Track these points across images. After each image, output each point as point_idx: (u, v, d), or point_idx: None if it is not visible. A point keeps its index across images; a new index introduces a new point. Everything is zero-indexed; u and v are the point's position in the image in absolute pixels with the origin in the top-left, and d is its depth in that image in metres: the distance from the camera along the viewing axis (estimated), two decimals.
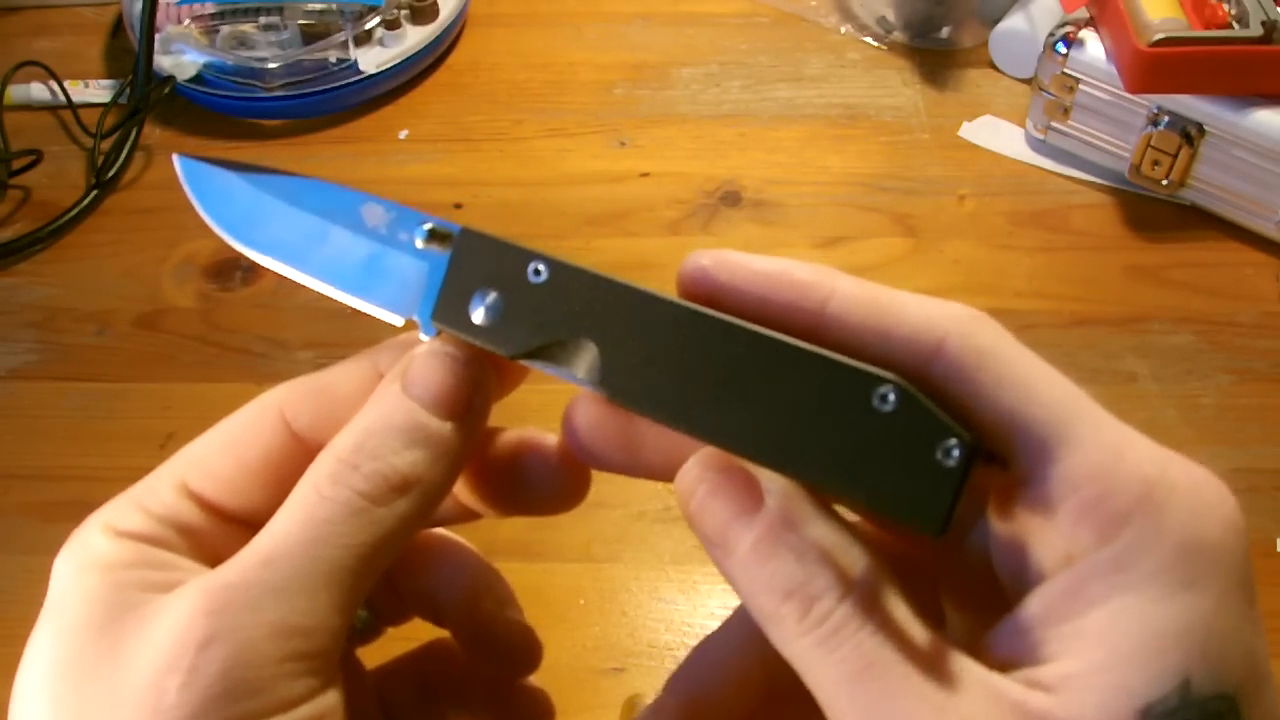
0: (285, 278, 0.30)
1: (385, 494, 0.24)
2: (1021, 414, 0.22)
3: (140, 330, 0.65)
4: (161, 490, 0.27)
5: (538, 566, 0.55)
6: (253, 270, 0.67)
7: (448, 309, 0.25)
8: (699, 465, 0.23)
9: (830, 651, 0.21)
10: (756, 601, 0.22)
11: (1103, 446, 0.21)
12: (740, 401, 0.22)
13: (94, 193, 0.71)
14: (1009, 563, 0.23)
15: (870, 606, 0.21)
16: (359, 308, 0.27)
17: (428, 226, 0.26)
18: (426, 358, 0.25)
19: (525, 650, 0.31)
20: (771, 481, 0.22)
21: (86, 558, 0.26)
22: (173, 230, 0.70)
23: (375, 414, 0.25)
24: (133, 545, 0.26)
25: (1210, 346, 0.63)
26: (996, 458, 0.22)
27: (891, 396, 0.21)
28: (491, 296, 0.24)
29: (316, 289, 0.28)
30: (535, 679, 0.35)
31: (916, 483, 0.21)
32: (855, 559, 0.21)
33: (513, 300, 0.24)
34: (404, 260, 0.26)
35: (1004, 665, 0.22)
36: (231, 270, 0.68)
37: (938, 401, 0.21)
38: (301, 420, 0.27)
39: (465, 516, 0.31)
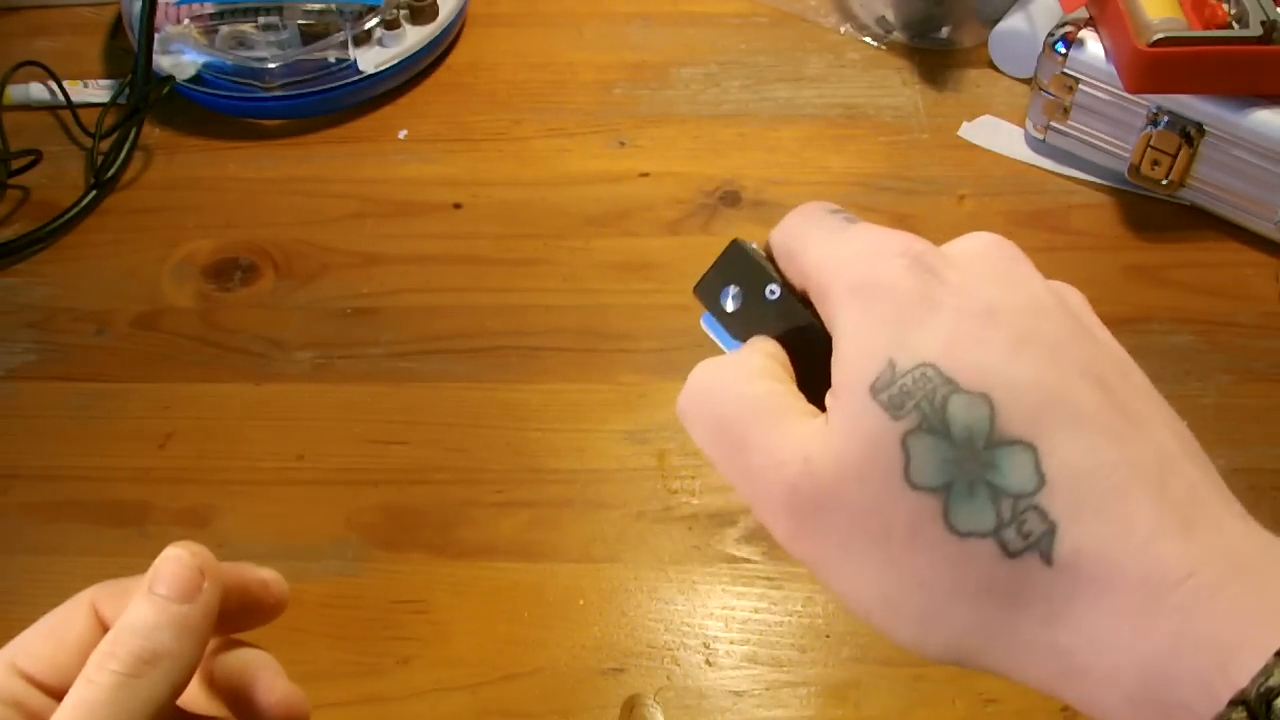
0: (284, 277, 0.30)
1: (139, 667, 0.30)
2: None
3: (140, 330, 0.65)
4: None
5: (538, 566, 0.55)
6: (252, 270, 0.67)
7: (707, 287, 0.33)
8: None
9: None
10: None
11: (823, 244, 0.29)
12: None
13: (93, 193, 0.71)
14: None
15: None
16: None
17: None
18: (168, 560, 0.32)
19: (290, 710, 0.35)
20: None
21: None
22: (172, 230, 0.70)
23: (132, 607, 0.31)
24: None
25: (1210, 347, 0.63)
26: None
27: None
28: (740, 295, 0.32)
29: None
30: (535, 678, 0.37)
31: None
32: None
33: (749, 303, 0.32)
34: None
35: None
36: (230, 270, 0.68)
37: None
38: (105, 611, 0.33)
39: None
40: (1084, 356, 0.26)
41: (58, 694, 0.31)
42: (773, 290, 0.31)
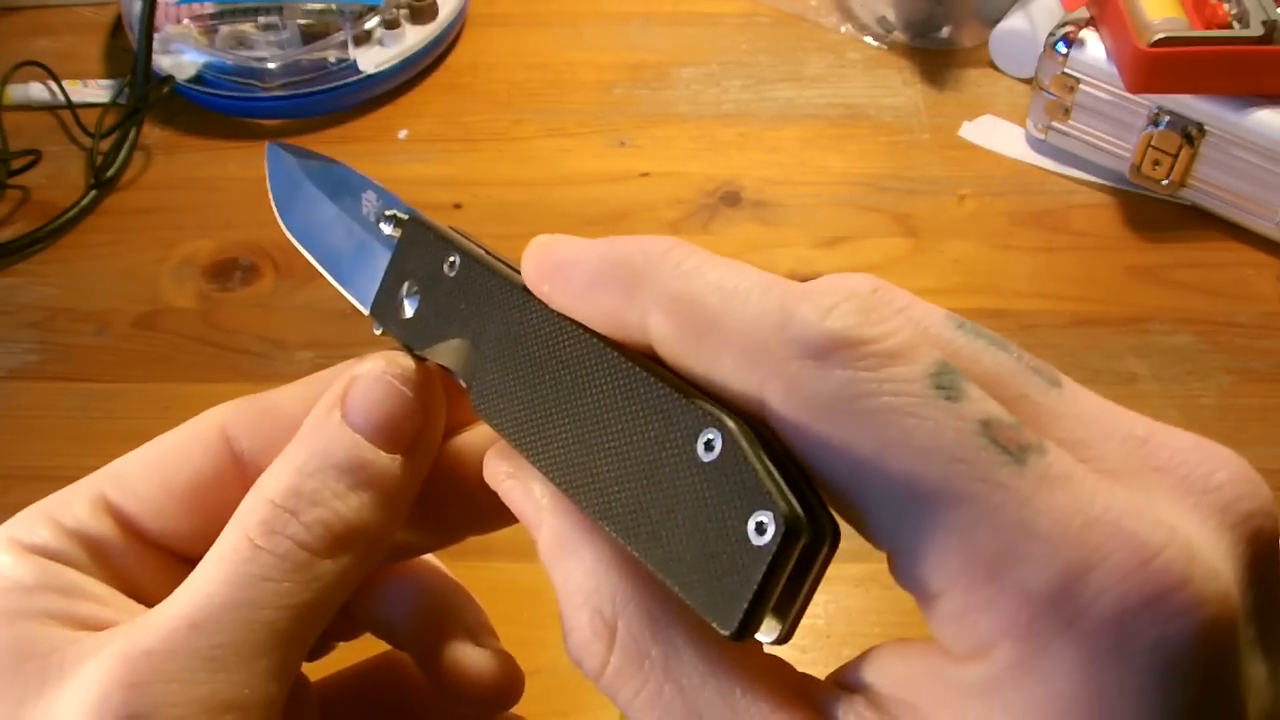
0: (284, 277, 0.29)
1: (329, 546, 0.21)
2: (870, 478, 0.16)
3: (139, 330, 0.65)
4: (76, 503, 0.25)
5: (538, 566, 0.55)
6: (252, 270, 0.67)
7: (384, 303, 0.22)
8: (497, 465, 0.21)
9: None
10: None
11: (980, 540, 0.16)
12: (576, 428, 0.18)
13: (93, 193, 0.71)
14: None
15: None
16: (349, 299, 0.25)
17: (390, 213, 0.23)
18: (368, 381, 0.22)
19: (502, 684, 0.27)
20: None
21: None
22: (172, 230, 0.70)
23: (313, 448, 0.22)
24: (38, 563, 0.23)
25: (1211, 346, 0.63)
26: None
27: (717, 443, 0.16)
28: (415, 289, 0.21)
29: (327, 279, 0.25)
30: (535, 678, 0.33)
31: (720, 564, 0.15)
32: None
33: (428, 294, 0.21)
34: (380, 250, 0.24)
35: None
36: (230, 270, 0.68)
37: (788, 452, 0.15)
38: (244, 442, 0.24)
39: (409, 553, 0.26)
40: None
41: (156, 544, 0.24)
42: (453, 262, 0.21)
